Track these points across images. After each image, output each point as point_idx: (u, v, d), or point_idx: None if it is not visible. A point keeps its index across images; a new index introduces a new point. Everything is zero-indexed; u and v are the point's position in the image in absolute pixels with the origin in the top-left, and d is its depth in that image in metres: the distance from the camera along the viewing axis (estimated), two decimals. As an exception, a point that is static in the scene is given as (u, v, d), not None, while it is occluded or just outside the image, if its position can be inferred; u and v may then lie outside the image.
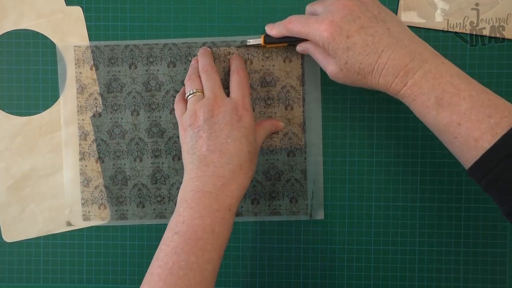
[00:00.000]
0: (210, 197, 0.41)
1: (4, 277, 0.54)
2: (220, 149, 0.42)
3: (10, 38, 0.53)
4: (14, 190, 0.53)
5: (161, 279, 0.38)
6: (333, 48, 0.41)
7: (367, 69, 0.40)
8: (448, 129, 0.38)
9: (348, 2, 0.41)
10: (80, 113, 0.53)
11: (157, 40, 0.52)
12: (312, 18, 0.42)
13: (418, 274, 0.52)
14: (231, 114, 0.44)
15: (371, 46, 0.39)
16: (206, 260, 0.39)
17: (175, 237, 0.40)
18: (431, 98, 0.38)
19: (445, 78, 0.38)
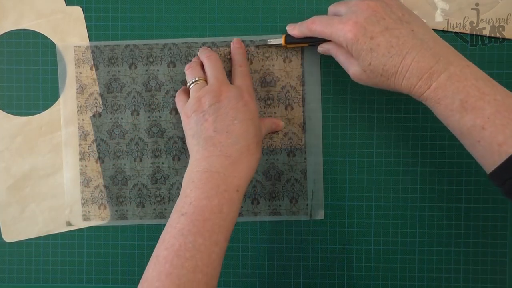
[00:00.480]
0: (218, 177, 0.40)
1: (4, 277, 0.54)
2: (227, 130, 0.42)
3: (10, 38, 0.53)
4: (14, 190, 0.53)
5: (168, 261, 0.37)
6: (356, 49, 0.40)
7: (391, 71, 0.39)
8: (471, 133, 0.37)
9: (372, 3, 0.41)
10: (80, 113, 0.53)
11: (157, 40, 0.52)
12: (336, 19, 0.42)
13: (418, 274, 0.52)
14: (236, 98, 0.44)
15: (395, 47, 0.39)
16: (213, 241, 0.39)
17: (182, 219, 0.39)
18: (455, 101, 0.38)
19: (470, 81, 0.38)
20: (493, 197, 0.51)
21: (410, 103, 0.51)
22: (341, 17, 0.42)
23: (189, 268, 0.37)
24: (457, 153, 0.51)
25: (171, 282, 0.37)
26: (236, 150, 0.42)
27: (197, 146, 0.43)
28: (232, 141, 0.42)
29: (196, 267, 0.37)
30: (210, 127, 0.43)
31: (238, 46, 0.50)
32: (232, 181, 0.41)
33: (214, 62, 0.47)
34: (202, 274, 0.37)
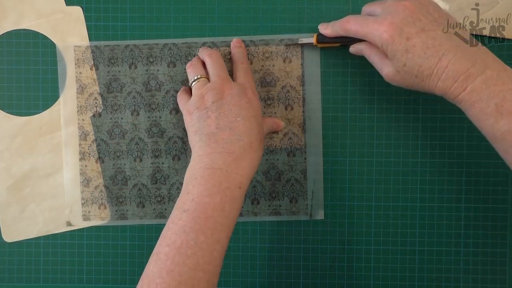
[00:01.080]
0: (221, 174, 0.40)
1: (4, 277, 0.54)
2: (230, 126, 0.42)
3: (10, 38, 0.53)
4: (14, 190, 0.53)
5: (169, 258, 0.37)
6: (392, 50, 0.40)
7: (426, 72, 0.39)
8: (505, 138, 0.37)
9: (408, 4, 0.41)
10: (80, 113, 0.53)
11: (157, 40, 0.52)
12: (371, 19, 0.42)
13: (418, 274, 0.52)
14: (240, 95, 0.44)
15: (431, 49, 0.39)
16: (215, 239, 0.39)
17: (184, 215, 0.39)
18: (491, 105, 0.37)
19: (507, 85, 0.37)
20: (493, 197, 0.51)
21: (410, 103, 0.51)
22: (377, 17, 0.42)
23: (190, 265, 0.37)
24: (457, 153, 0.51)
25: (173, 279, 0.37)
26: (239, 147, 0.42)
27: (199, 143, 0.43)
28: (235, 138, 0.42)
29: (197, 265, 0.37)
30: (213, 124, 0.42)
31: (238, 45, 0.50)
32: (235, 178, 0.41)
33: (215, 60, 0.47)
34: (204, 272, 0.37)
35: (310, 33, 0.51)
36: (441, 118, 0.51)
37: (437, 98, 0.51)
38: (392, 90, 0.51)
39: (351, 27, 0.43)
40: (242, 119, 0.43)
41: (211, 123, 0.43)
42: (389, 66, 0.42)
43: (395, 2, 0.41)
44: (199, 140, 0.43)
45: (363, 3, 0.51)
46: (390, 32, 0.40)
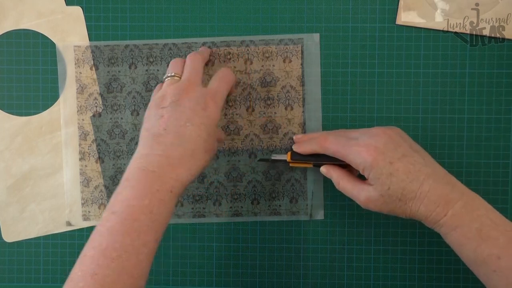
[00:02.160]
0: (153, 176, 0.39)
1: (4, 277, 0.54)
2: (177, 131, 0.41)
3: (10, 38, 0.53)
4: (14, 190, 0.53)
5: (94, 261, 0.36)
6: (375, 174, 0.40)
7: (409, 196, 0.40)
8: (487, 262, 0.38)
9: (388, 131, 0.42)
10: (80, 113, 0.53)
11: (157, 40, 0.52)
12: (353, 141, 0.42)
13: (418, 274, 0.52)
14: (197, 100, 0.43)
15: (413, 173, 0.40)
16: (141, 242, 0.38)
17: (112, 217, 0.38)
18: (472, 230, 0.38)
19: (481, 211, 0.39)
20: (493, 197, 0.51)
21: (410, 103, 0.51)
22: (359, 140, 0.42)
23: (115, 268, 0.36)
24: (457, 153, 0.51)
25: (96, 282, 0.35)
26: (179, 153, 0.41)
27: (144, 140, 0.42)
28: (178, 142, 0.41)
29: (122, 268, 0.36)
30: (163, 124, 0.42)
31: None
32: (167, 181, 0.40)
33: (194, 63, 0.46)
34: (128, 276, 0.37)
35: (310, 33, 0.51)
36: (441, 118, 0.51)
37: (437, 98, 0.51)
38: (392, 90, 0.51)
39: (331, 147, 0.44)
40: (191, 125, 0.42)
41: (161, 124, 0.42)
42: (369, 191, 0.42)
43: (374, 128, 0.43)
44: (145, 138, 0.42)
45: (363, 3, 0.51)
46: (375, 156, 0.40)
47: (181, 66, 0.47)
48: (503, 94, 0.51)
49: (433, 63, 0.51)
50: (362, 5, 0.51)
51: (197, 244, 0.53)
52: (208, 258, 0.53)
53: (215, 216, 0.53)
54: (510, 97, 0.51)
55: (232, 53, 0.52)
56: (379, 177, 0.40)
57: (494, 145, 0.51)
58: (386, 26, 0.51)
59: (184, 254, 0.53)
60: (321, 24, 0.51)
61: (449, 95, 0.51)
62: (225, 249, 0.53)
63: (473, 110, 0.51)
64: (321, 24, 0.51)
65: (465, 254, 0.40)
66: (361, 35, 0.51)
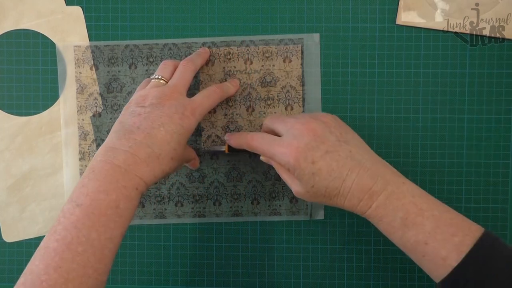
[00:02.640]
0: (119, 171, 0.39)
1: (4, 277, 0.54)
2: (149, 131, 0.41)
3: (10, 38, 0.53)
4: (14, 190, 0.53)
5: (57, 254, 0.36)
6: (299, 174, 0.41)
7: (333, 193, 0.40)
8: (416, 248, 0.39)
9: (311, 126, 0.41)
10: (80, 113, 0.53)
11: (157, 40, 0.52)
12: (276, 141, 0.42)
13: (418, 274, 0.52)
14: (177, 109, 0.43)
15: (336, 170, 0.40)
16: (107, 237, 0.37)
17: (77, 210, 0.37)
18: (397, 219, 0.39)
19: (407, 198, 0.39)
20: (493, 197, 0.51)
21: (410, 103, 0.51)
22: (282, 139, 0.42)
23: (80, 262, 0.36)
24: (457, 153, 0.51)
25: (60, 275, 0.35)
26: (145, 153, 0.40)
27: (115, 134, 0.42)
28: (147, 143, 0.41)
29: (87, 262, 0.36)
30: (137, 122, 0.42)
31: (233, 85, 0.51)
32: (133, 178, 0.40)
33: (184, 71, 0.46)
34: (93, 270, 0.36)
35: (310, 33, 0.51)
36: (441, 118, 0.51)
37: (437, 98, 0.51)
38: (392, 90, 0.51)
39: (257, 146, 0.44)
40: (164, 131, 0.41)
41: (136, 121, 0.42)
42: (298, 185, 0.42)
43: (298, 124, 0.42)
44: (116, 131, 0.42)
45: (363, 3, 0.51)
46: (296, 157, 0.40)
47: (171, 70, 0.47)
48: (503, 94, 0.51)
49: (433, 63, 0.51)
50: (362, 5, 0.51)
51: (197, 244, 0.53)
52: (208, 258, 0.53)
53: (215, 216, 0.53)
54: (510, 97, 0.51)
55: (232, 53, 0.52)
56: (302, 177, 0.41)
57: (494, 145, 0.51)
58: (386, 26, 0.51)
59: (184, 254, 0.53)
60: (321, 24, 0.51)
61: (449, 95, 0.51)
62: (225, 249, 0.53)
63: (473, 110, 0.51)
64: (321, 24, 0.51)
65: (395, 242, 0.40)
66: (361, 35, 0.51)
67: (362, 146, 0.42)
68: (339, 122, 0.43)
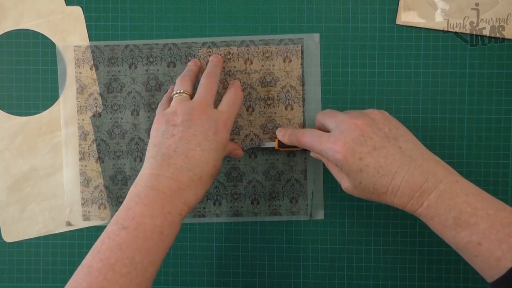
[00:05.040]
0: (164, 198, 0.40)
1: (4, 277, 0.54)
2: (187, 154, 0.42)
3: (10, 38, 0.53)
4: (14, 190, 0.53)
5: (101, 274, 0.36)
6: (346, 169, 0.41)
7: (381, 190, 0.40)
8: (468, 248, 0.38)
9: (359, 122, 0.41)
10: (80, 113, 0.53)
11: (157, 40, 0.52)
12: (325, 136, 0.42)
13: (418, 274, 0.52)
14: (210, 124, 0.43)
15: (384, 167, 0.39)
16: (150, 261, 0.38)
17: (122, 233, 0.38)
18: (449, 219, 0.38)
19: (460, 197, 0.38)
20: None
21: (410, 103, 0.51)
22: (330, 135, 0.42)
23: (122, 284, 0.36)
24: (457, 153, 0.51)
25: None
26: (188, 177, 0.41)
27: (153, 159, 0.42)
28: (187, 167, 0.41)
29: (129, 284, 0.37)
30: (172, 145, 0.42)
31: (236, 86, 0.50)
32: (178, 204, 0.40)
33: (210, 84, 0.46)
34: None
35: (310, 33, 0.51)
36: (441, 118, 0.51)
37: (437, 98, 0.51)
38: (392, 90, 0.51)
39: (307, 142, 0.44)
40: (201, 150, 0.42)
41: (171, 144, 0.42)
42: (346, 181, 0.42)
43: (347, 118, 0.42)
44: (153, 157, 0.42)
45: (363, 3, 0.51)
46: (343, 153, 0.40)
47: (189, 84, 0.47)
48: (503, 94, 0.51)
49: (433, 63, 0.51)
50: (362, 5, 0.51)
51: (197, 244, 0.53)
52: (208, 258, 0.53)
53: (215, 216, 0.53)
54: (510, 97, 0.51)
55: (232, 53, 0.52)
56: (349, 173, 0.41)
57: (494, 145, 0.51)
58: (386, 26, 0.51)
59: (184, 254, 0.53)
60: (321, 24, 0.51)
61: (449, 95, 0.51)
62: (225, 249, 0.53)
63: (473, 110, 0.51)
64: (321, 24, 0.51)
65: (446, 240, 0.40)
66: (361, 35, 0.51)
67: (414, 142, 0.41)
68: (388, 118, 0.43)
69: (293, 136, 0.46)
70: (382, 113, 0.43)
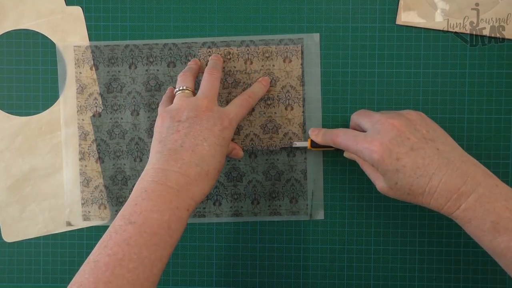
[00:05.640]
0: (172, 192, 0.40)
1: (4, 277, 0.54)
2: (193, 149, 0.41)
3: (10, 38, 0.53)
4: (14, 190, 0.53)
5: (109, 269, 0.36)
6: (382, 170, 0.41)
7: (418, 191, 0.40)
8: (506, 254, 0.37)
9: (396, 122, 0.41)
10: (80, 113, 0.53)
11: (157, 40, 0.52)
12: (361, 136, 0.42)
13: (418, 274, 0.52)
14: (215, 120, 0.43)
15: (421, 168, 0.39)
16: (158, 256, 0.38)
17: (129, 227, 0.38)
18: (487, 223, 0.37)
19: (500, 202, 0.37)
20: (493, 197, 0.51)
21: (410, 103, 0.51)
22: (366, 135, 0.42)
23: (130, 279, 0.36)
24: (457, 153, 0.51)
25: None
26: (195, 172, 0.41)
27: (159, 154, 0.42)
28: (194, 161, 0.41)
29: (137, 280, 0.36)
30: (179, 140, 0.42)
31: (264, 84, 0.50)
32: (185, 199, 0.40)
33: (213, 80, 0.46)
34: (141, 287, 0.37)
35: (310, 33, 0.51)
36: (441, 118, 0.51)
37: (437, 98, 0.51)
38: (392, 90, 0.51)
39: (341, 142, 0.44)
40: (208, 145, 0.42)
41: (177, 139, 0.42)
42: (382, 181, 0.42)
43: (383, 119, 0.42)
44: (159, 152, 0.42)
45: (363, 3, 0.51)
46: (380, 153, 0.40)
47: (191, 80, 0.47)
48: (503, 94, 0.51)
49: (433, 63, 0.51)
50: (362, 5, 0.51)
51: (197, 244, 0.53)
52: (208, 258, 0.53)
53: (215, 216, 0.53)
54: (510, 97, 0.51)
55: (232, 53, 0.52)
56: (385, 173, 0.41)
57: (494, 145, 0.51)
58: (386, 26, 0.51)
59: (184, 254, 0.53)
60: (321, 24, 0.51)
61: (449, 95, 0.51)
62: (225, 249, 0.53)
63: (473, 110, 0.51)
64: (321, 24, 0.51)
65: (483, 245, 0.39)
66: (361, 35, 0.51)
67: (451, 144, 0.41)
68: (425, 120, 0.43)
69: (327, 136, 0.46)
70: (419, 114, 0.43)
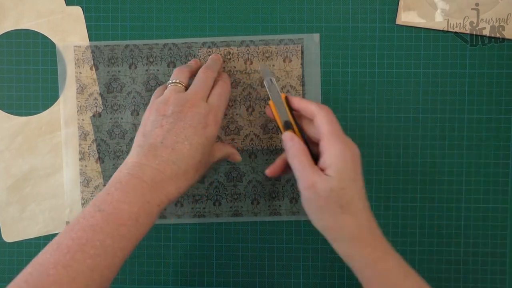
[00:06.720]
0: (146, 187, 0.40)
1: (4, 277, 0.54)
2: (173, 147, 0.41)
3: (10, 38, 0.53)
4: (14, 190, 0.53)
5: (70, 252, 0.36)
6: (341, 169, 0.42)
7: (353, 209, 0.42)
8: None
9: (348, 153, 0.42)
10: (80, 113, 0.53)
11: (157, 40, 0.52)
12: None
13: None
14: (199, 118, 0.43)
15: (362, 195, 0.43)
16: (121, 246, 0.38)
17: (98, 214, 0.38)
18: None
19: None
20: (493, 197, 0.51)
21: (410, 103, 0.51)
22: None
23: (89, 265, 0.36)
24: (457, 153, 0.51)
25: (67, 274, 0.35)
26: (172, 170, 0.41)
27: (139, 148, 0.42)
28: (172, 160, 0.41)
29: (96, 266, 0.36)
30: (160, 136, 0.42)
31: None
32: (158, 196, 0.40)
33: (206, 78, 0.46)
34: (99, 275, 0.37)
35: (310, 33, 0.51)
36: (441, 118, 0.51)
37: (437, 98, 0.51)
38: (392, 90, 0.51)
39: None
40: (189, 144, 0.42)
41: (159, 134, 0.42)
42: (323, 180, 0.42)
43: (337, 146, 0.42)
44: (140, 146, 0.42)
45: (363, 3, 0.51)
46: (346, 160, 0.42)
47: (187, 76, 0.46)
48: (503, 94, 0.51)
49: (433, 63, 0.51)
50: (362, 5, 0.51)
51: (197, 244, 0.53)
52: (208, 258, 0.53)
53: (215, 216, 0.53)
54: (510, 97, 0.51)
55: (232, 53, 0.52)
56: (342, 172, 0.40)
57: (494, 145, 0.51)
58: (386, 26, 0.51)
59: (184, 254, 0.53)
60: (321, 24, 0.51)
61: (449, 95, 0.51)
62: (225, 249, 0.53)
63: (473, 110, 0.51)
64: (321, 24, 0.51)
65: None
66: (361, 35, 0.51)
67: None
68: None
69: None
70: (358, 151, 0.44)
